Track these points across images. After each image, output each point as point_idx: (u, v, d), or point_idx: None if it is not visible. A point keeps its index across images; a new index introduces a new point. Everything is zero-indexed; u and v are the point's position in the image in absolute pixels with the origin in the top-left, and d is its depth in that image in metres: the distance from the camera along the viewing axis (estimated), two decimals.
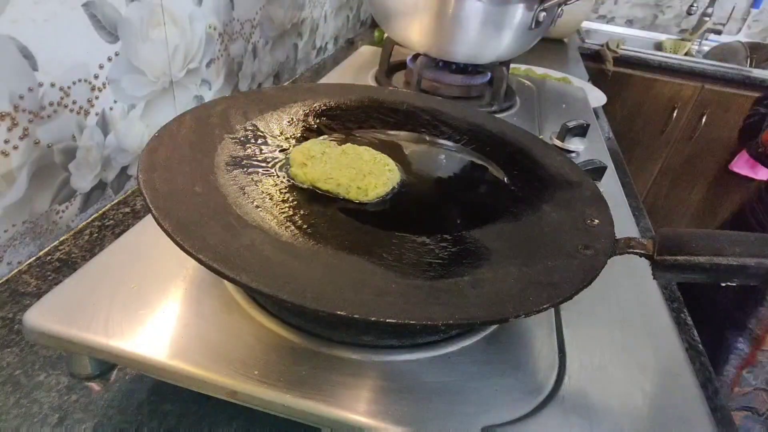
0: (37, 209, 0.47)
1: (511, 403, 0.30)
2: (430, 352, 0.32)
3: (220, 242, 0.28)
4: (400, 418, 0.28)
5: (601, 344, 0.35)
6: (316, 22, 1.07)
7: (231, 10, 0.72)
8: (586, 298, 0.31)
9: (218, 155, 0.38)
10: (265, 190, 0.36)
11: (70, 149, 0.49)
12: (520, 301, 0.28)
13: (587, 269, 0.31)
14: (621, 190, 0.60)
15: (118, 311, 0.32)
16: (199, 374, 0.29)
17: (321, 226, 0.33)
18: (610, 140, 0.98)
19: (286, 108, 0.48)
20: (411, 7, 0.72)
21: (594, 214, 0.37)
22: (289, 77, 1.00)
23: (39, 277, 0.46)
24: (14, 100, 0.42)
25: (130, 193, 0.59)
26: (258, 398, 0.29)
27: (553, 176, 0.44)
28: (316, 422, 0.29)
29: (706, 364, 0.46)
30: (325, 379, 0.30)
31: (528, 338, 0.35)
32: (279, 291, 0.26)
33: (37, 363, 0.37)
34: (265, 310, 0.34)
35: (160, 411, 0.35)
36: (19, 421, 0.33)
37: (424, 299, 0.27)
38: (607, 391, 0.31)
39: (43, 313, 0.31)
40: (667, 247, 0.31)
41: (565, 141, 0.66)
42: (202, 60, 0.67)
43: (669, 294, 0.54)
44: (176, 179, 0.33)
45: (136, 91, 0.56)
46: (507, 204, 0.40)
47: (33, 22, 0.42)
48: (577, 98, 0.90)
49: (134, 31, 0.53)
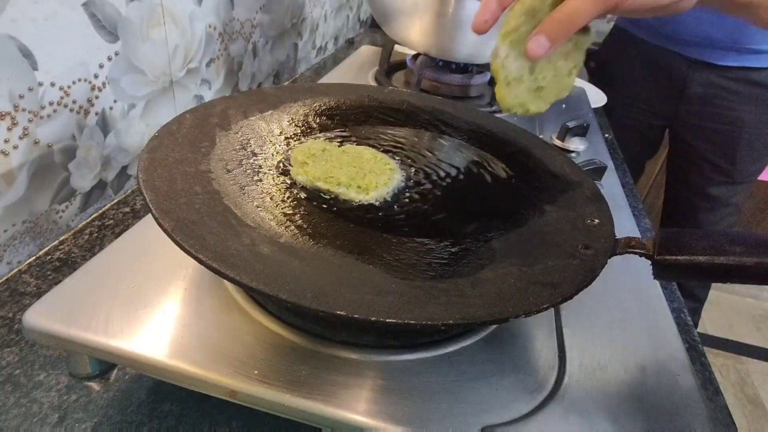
0: (37, 209, 0.47)
1: (511, 403, 0.30)
2: (430, 352, 0.32)
3: (220, 242, 0.28)
4: (400, 418, 0.28)
5: (601, 344, 0.35)
6: (316, 22, 1.07)
7: (231, 10, 0.72)
8: (586, 298, 0.31)
9: (218, 155, 0.38)
10: (265, 189, 0.36)
11: (70, 149, 0.49)
12: (520, 301, 0.28)
13: (587, 269, 0.31)
14: (621, 190, 0.60)
15: (118, 311, 0.32)
16: (199, 374, 0.29)
17: (321, 225, 0.33)
18: (610, 140, 0.98)
19: (286, 107, 0.48)
20: (411, 7, 0.72)
21: (594, 214, 0.37)
22: (289, 77, 1.00)
23: (39, 276, 0.46)
24: (14, 100, 0.42)
25: (130, 193, 0.59)
26: (258, 398, 0.29)
27: (554, 176, 0.44)
28: (316, 422, 0.29)
29: (706, 364, 0.46)
30: (325, 379, 0.30)
31: (528, 338, 0.35)
32: (279, 291, 0.26)
33: (37, 363, 0.37)
34: (265, 310, 0.34)
35: (160, 411, 0.35)
36: (18, 421, 0.33)
37: (424, 299, 0.27)
38: (607, 391, 0.31)
39: (43, 313, 0.31)
40: (667, 247, 0.31)
41: (565, 141, 0.66)
42: (202, 60, 0.67)
43: (669, 294, 0.54)
44: (176, 179, 0.33)
45: (136, 90, 0.56)
46: (507, 204, 0.40)
47: (33, 21, 0.42)
48: (577, 98, 0.90)
49: (134, 30, 0.53)
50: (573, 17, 0.32)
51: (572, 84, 0.39)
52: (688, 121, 1.08)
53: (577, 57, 0.39)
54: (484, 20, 0.36)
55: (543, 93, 0.38)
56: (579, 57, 0.39)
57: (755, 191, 1.92)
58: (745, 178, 1.09)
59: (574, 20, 0.32)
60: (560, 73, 0.38)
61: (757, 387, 1.67)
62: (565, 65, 0.38)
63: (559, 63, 0.38)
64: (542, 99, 0.38)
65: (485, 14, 0.36)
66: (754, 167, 1.08)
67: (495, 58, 0.36)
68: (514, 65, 0.36)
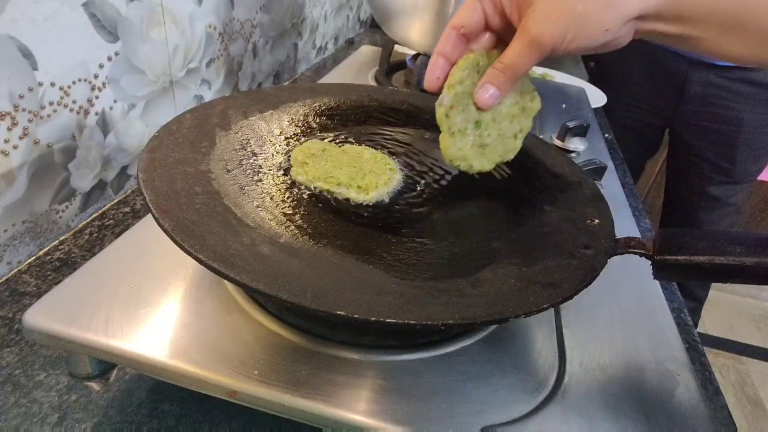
0: (37, 209, 0.47)
1: (511, 403, 0.30)
2: (430, 352, 0.32)
3: (220, 242, 0.28)
4: (400, 418, 0.28)
5: (601, 344, 0.35)
6: (316, 22, 1.07)
7: (231, 10, 0.72)
8: (586, 298, 0.31)
9: (218, 155, 0.38)
10: (265, 189, 0.36)
11: (70, 149, 0.49)
12: (520, 301, 0.28)
13: (587, 269, 0.31)
14: (621, 190, 0.60)
15: (118, 311, 0.32)
16: (199, 374, 0.29)
17: (321, 225, 0.33)
18: (610, 140, 0.98)
19: (286, 107, 0.48)
20: (411, 7, 0.72)
21: (594, 214, 0.37)
22: (289, 77, 1.00)
23: (39, 276, 0.46)
24: (14, 100, 0.42)
25: (130, 193, 0.59)
26: (258, 398, 0.29)
27: (554, 176, 0.44)
28: (316, 422, 0.29)
29: (706, 364, 0.46)
30: (325, 379, 0.30)
31: (528, 338, 0.35)
32: (279, 291, 0.26)
33: (37, 363, 0.37)
34: (265, 310, 0.34)
35: (160, 411, 0.35)
36: (18, 421, 0.33)
37: (424, 299, 0.27)
38: (607, 391, 0.31)
39: (43, 313, 0.31)
40: (668, 247, 0.31)
41: (565, 141, 0.66)
42: (202, 60, 0.67)
43: (669, 294, 0.54)
44: (176, 179, 0.33)
45: (136, 90, 0.56)
46: (507, 204, 0.40)
47: (33, 21, 0.42)
48: (577, 98, 0.90)
49: (134, 30, 0.53)
50: (513, 66, 0.34)
51: (519, 147, 0.40)
52: (687, 120, 1.08)
53: (524, 122, 0.40)
54: (435, 77, 0.37)
55: (487, 151, 0.39)
56: (526, 122, 0.40)
57: (755, 191, 1.92)
58: (744, 177, 1.09)
59: (515, 69, 0.34)
60: (505, 134, 0.39)
61: (757, 387, 1.67)
62: (510, 128, 0.39)
63: (504, 124, 0.39)
64: (486, 157, 0.39)
65: (435, 71, 0.37)
66: (754, 167, 1.08)
67: (439, 107, 0.37)
68: (459, 117, 0.37)
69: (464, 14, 0.35)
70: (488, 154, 0.39)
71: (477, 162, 0.39)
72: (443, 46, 0.37)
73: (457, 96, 0.36)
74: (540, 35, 0.31)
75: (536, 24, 0.31)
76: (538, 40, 0.32)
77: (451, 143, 0.37)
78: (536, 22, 0.31)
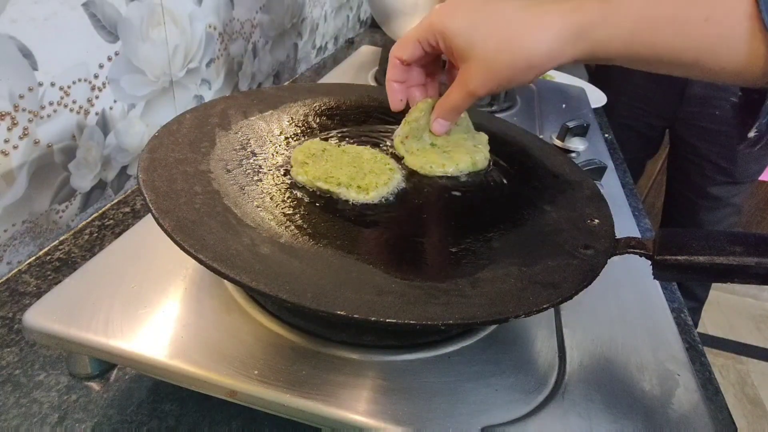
0: (37, 209, 0.47)
1: (511, 403, 0.30)
2: (430, 352, 0.32)
3: (220, 242, 0.28)
4: (400, 418, 0.28)
5: (601, 344, 0.35)
6: (316, 22, 1.07)
7: (231, 10, 0.72)
8: (586, 298, 0.31)
9: (218, 155, 0.38)
10: (265, 189, 0.36)
11: (70, 149, 0.49)
12: (520, 301, 0.28)
13: (587, 269, 0.31)
14: (621, 190, 0.60)
15: (118, 311, 0.32)
16: (198, 374, 0.29)
17: (321, 225, 0.33)
18: (610, 140, 0.98)
19: (286, 108, 0.48)
20: (411, 7, 0.72)
21: (594, 214, 0.37)
22: (289, 77, 1.00)
23: (39, 276, 0.46)
24: (14, 100, 0.42)
25: (130, 193, 0.59)
26: (258, 398, 0.29)
27: (554, 176, 0.44)
28: (316, 422, 0.29)
29: (706, 364, 0.46)
30: (325, 379, 0.30)
31: (528, 338, 0.35)
32: (279, 291, 0.26)
33: (37, 363, 0.37)
34: (265, 310, 0.34)
35: (160, 411, 0.35)
36: (18, 421, 0.33)
37: (424, 299, 0.27)
38: (607, 391, 0.31)
39: (43, 313, 0.31)
40: (668, 247, 0.31)
41: (565, 141, 0.66)
42: (202, 60, 0.67)
43: (669, 294, 0.54)
44: (176, 179, 0.33)
45: (136, 90, 0.56)
46: (507, 204, 0.40)
47: (33, 21, 0.42)
48: (577, 98, 0.90)
49: (134, 30, 0.53)
50: (453, 106, 0.41)
51: (487, 154, 0.45)
52: (688, 121, 1.08)
53: (477, 137, 0.46)
54: (398, 99, 0.44)
55: (452, 155, 0.43)
56: (480, 137, 0.46)
57: (756, 191, 1.92)
58: (745, 177, 1.09)
59: (455, 108, 0.41)
60: (463, 145, 0.45)
61: (757, 387, 1.67)
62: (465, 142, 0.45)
63: (455, 136, 0.45)
64: (452, 160, 0.43)
65: (395, 95, 0.44)
66: (755, 167, 1.08)
67: (396, 137, 0.45)
68: (414, 143, 0.44)
69: (407, 50, 0.41)
70: (454, 157, 0.43)
71: (447, 161, 0.43)
72: (392, 74, 0.43)
73: (411, 129, 0.44)
74: (476, 90, 0.38)
75: (472, 81, 0.37)
76: (474, 93, 0.38)
77: (415, 160, 0.43)
78: (472, 79, 0.37)
